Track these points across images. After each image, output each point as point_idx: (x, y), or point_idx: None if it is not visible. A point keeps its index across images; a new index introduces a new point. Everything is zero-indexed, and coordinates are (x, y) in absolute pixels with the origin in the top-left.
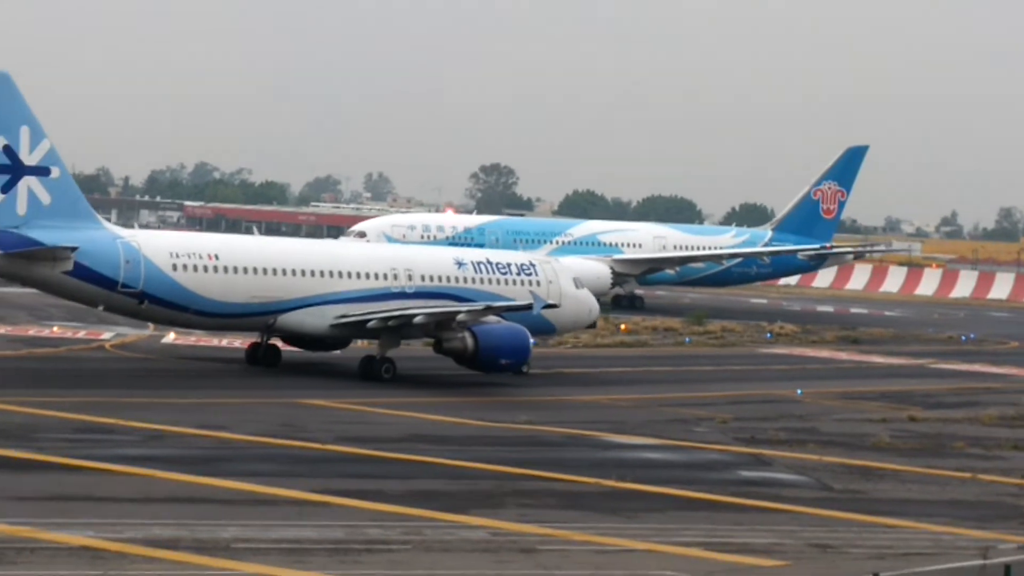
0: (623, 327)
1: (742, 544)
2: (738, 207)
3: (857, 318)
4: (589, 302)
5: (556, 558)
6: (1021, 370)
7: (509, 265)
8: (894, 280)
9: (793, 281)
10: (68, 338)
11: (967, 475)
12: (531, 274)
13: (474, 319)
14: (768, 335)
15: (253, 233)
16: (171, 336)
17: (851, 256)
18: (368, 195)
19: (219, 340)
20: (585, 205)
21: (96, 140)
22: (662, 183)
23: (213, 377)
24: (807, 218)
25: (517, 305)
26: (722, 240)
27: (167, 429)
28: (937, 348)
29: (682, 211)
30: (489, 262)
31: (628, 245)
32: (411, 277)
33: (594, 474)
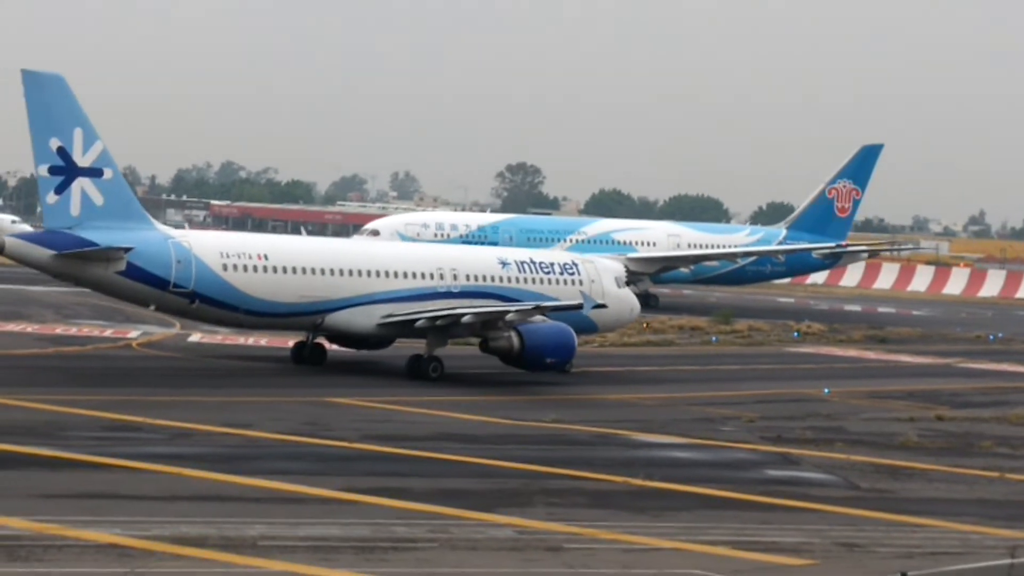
0: (645, 325)
1: (770, 543)
2: (765, 206)
3: (885, 317)
4: (630, 301)
5: (583, 557)
6: None
7: (552, 265)
8: (922, 279)
9: (820, 280)
10: (95, 336)
11: (995, 474)
12: (574, 273)
13: (522, 319)
14: (795, 334)
15: (301, 234)
16: (197, 335)
17: (866, 255)
18: (394, 194)
19: (245, 339)
20: (611, 204)
21: (122, 139)
22: (689, 182)
23: (240, 375)
24: (821, 216)
25: (567, 305)
26: (736, 239)
27: (194, 427)
28: (965, 347)
29: (709, 210)
30: (532, 262)
31: (642, 244)
32: (456, 277)
33: (622, 473)
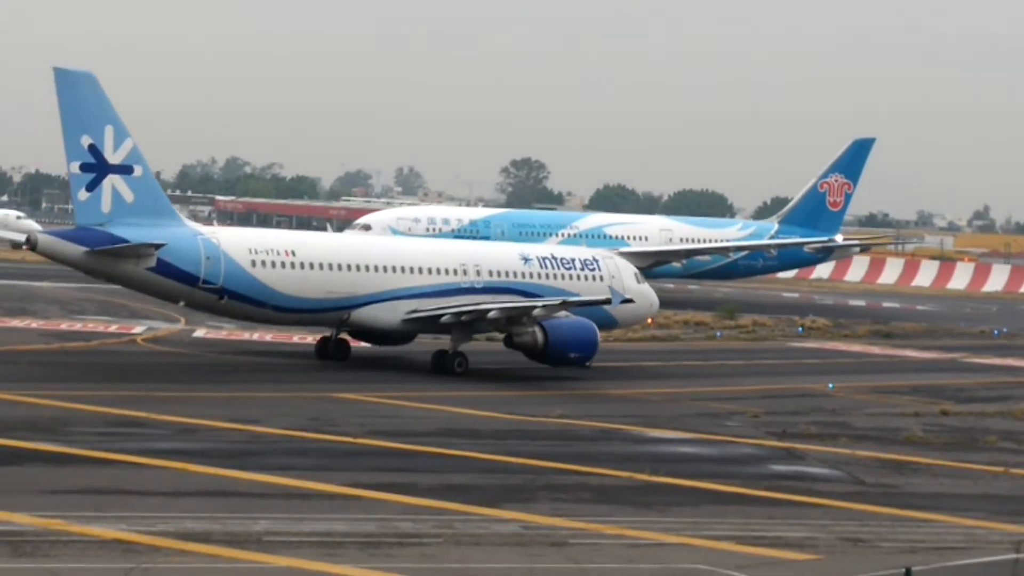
0: (649, 320)
1: (775, 538)
2: (770, 201)
3: (889, 312)
4: (650, 296)
5: (588, 552)
6: None
7: (573, 260)
8: (926, 274)
9: (825, 275)
10: (100, 332)
11: (1000, 469)
12: (594, 269)
13: (547, 314)
14: (799, 329)
15: (327, 230)
16: (202, 330)
17: (858, 249)
18: (399, 189)
19: (250, 334)
20: (616, 199)
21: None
22: (694, 177)
23: (245, 371)
24: (813, 210)
25: (595, 300)
26: (728, 233)
27: (199, 423)
28: (969, 342)
29: (713, 205)
30: (554, 257)
31: (634, 238)
32: (479, 272)
33: (627, 468)
